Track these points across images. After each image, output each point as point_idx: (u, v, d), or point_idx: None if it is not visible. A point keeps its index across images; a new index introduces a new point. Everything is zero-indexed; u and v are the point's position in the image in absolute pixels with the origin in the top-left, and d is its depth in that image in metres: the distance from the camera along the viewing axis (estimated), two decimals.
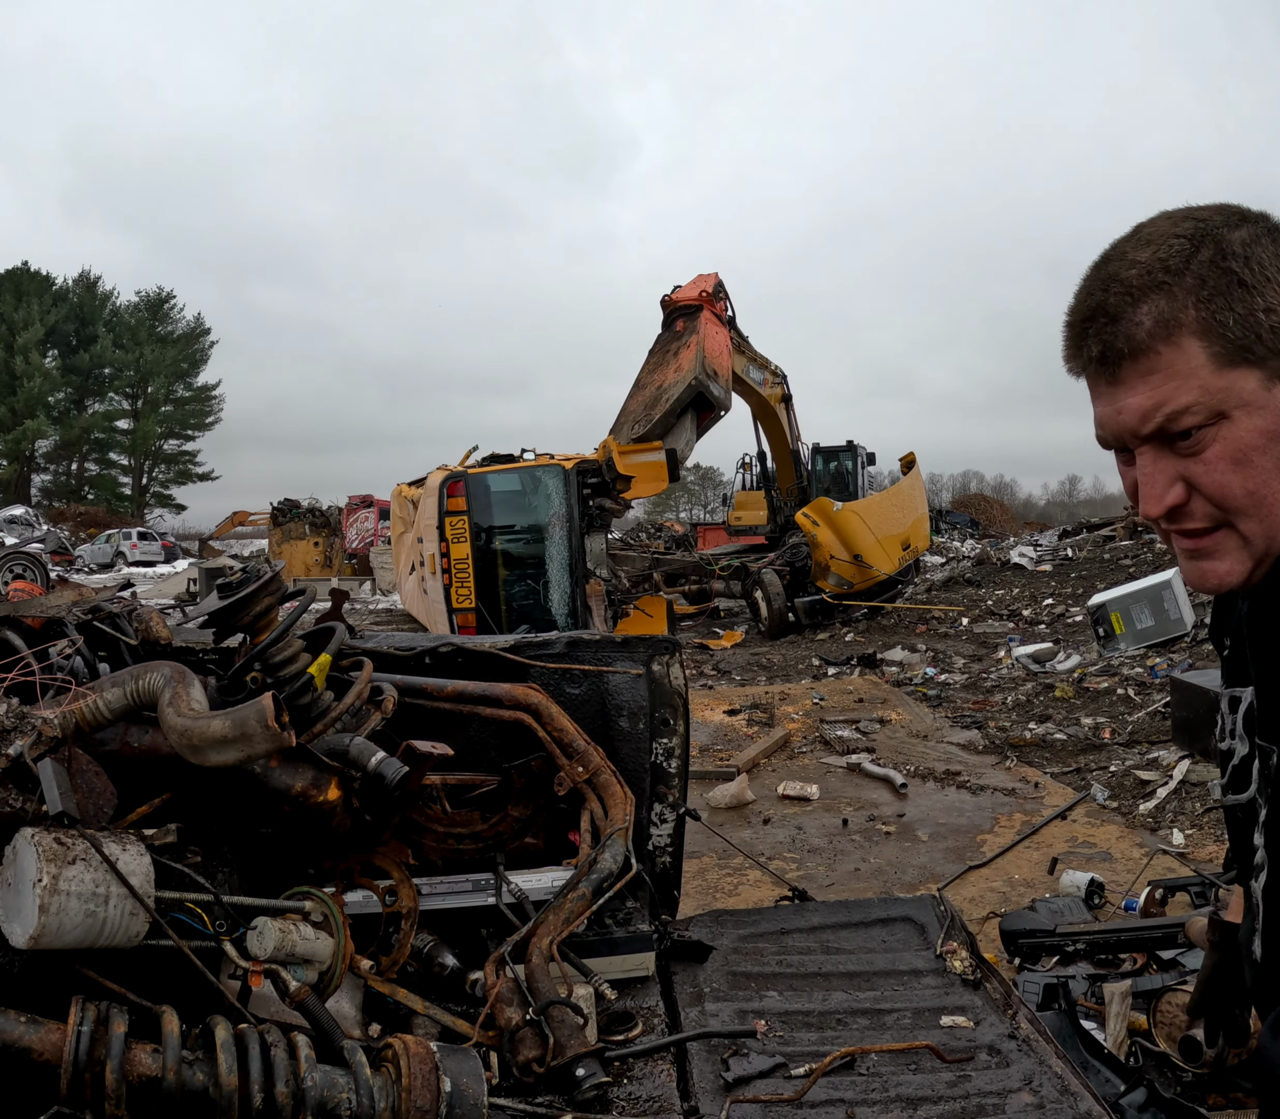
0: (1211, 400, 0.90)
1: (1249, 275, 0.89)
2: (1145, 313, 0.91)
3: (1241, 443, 0.90)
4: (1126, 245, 0.95)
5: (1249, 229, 0.92)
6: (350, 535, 29.23)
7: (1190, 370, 0.90)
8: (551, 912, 1.85)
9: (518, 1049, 1.61)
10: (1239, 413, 0.90)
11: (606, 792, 2.02)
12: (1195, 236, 0.91)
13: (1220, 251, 0.90)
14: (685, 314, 13.23)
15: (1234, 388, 0.90)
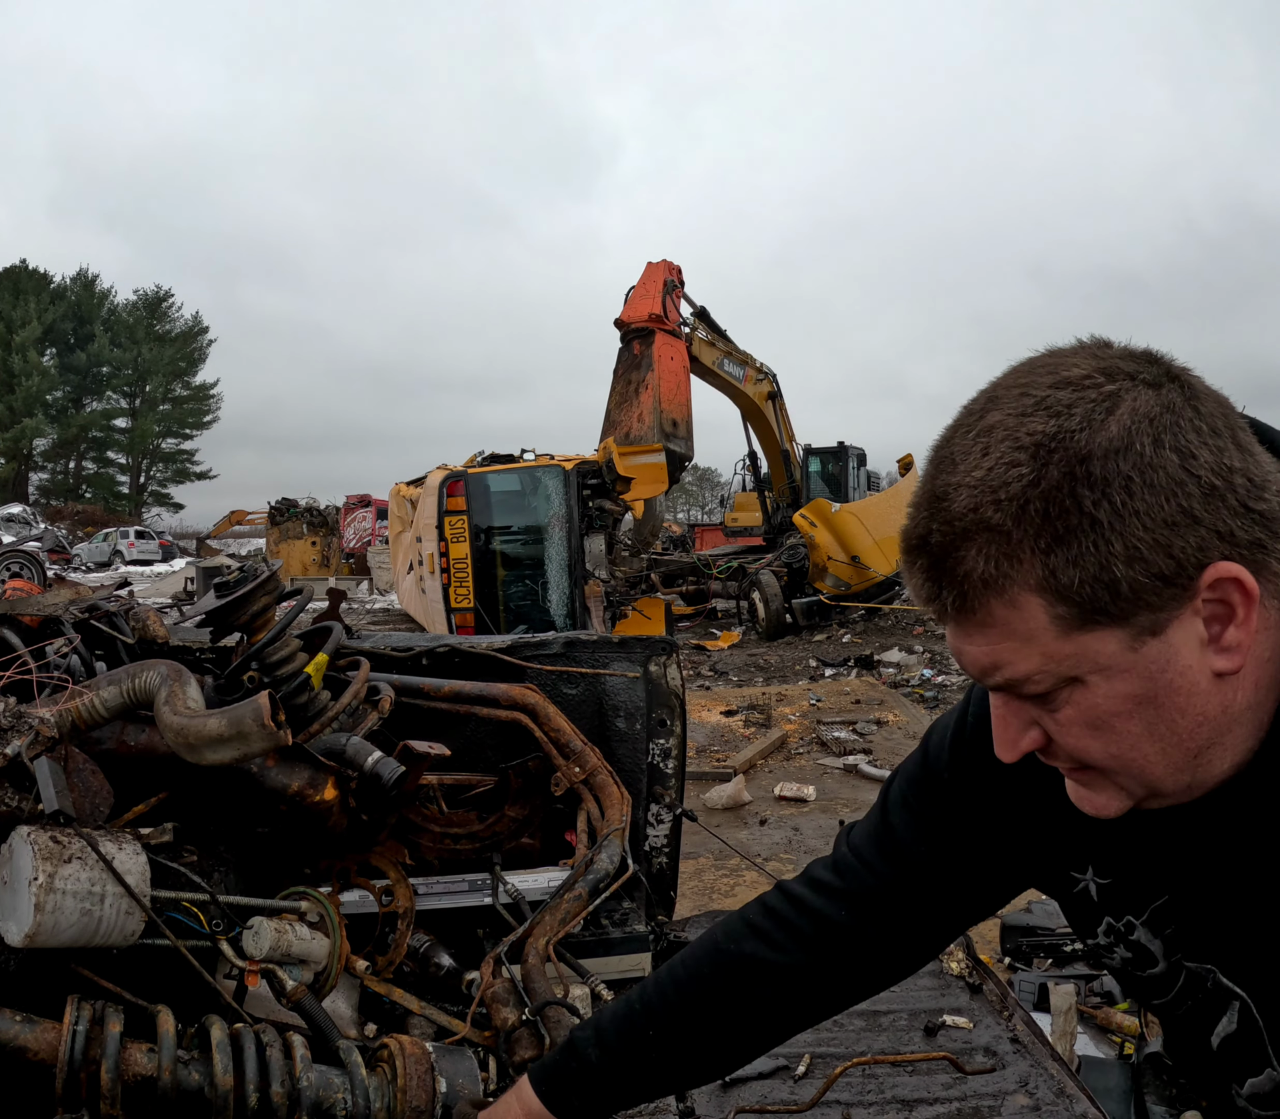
0: (1058, 668, 0.74)
1: (1105, 510, 0.69)
2: (972, 561, 0.73)
3: (1098, 709, 0.75)
4: (963, 444, 0.76)
5: (1132, 417, 0.71)
6: (348, 535, 29.23)
7: (1030, 633, 0.73)
8: (548, 912, 1.85)
9: (514, 1049, 1.61)
10: (1095, 678, 0.74)
11: (603, 792, 2.02)
12: (1041, 449, 0.71)
13: (1071, 475, 0.70)
14: (639, 336, 13.18)
15: (1086, 653, 0.73)
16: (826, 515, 14.10)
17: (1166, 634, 0.73)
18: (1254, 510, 0.72)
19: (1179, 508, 0.70)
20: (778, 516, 16.73)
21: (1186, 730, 0.76)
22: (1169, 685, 0.74)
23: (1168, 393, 0.73)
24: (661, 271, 13.62)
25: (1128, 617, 0.72)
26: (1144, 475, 0.70)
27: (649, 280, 13.59)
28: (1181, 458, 0.70)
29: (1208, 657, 0.74)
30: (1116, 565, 0.70)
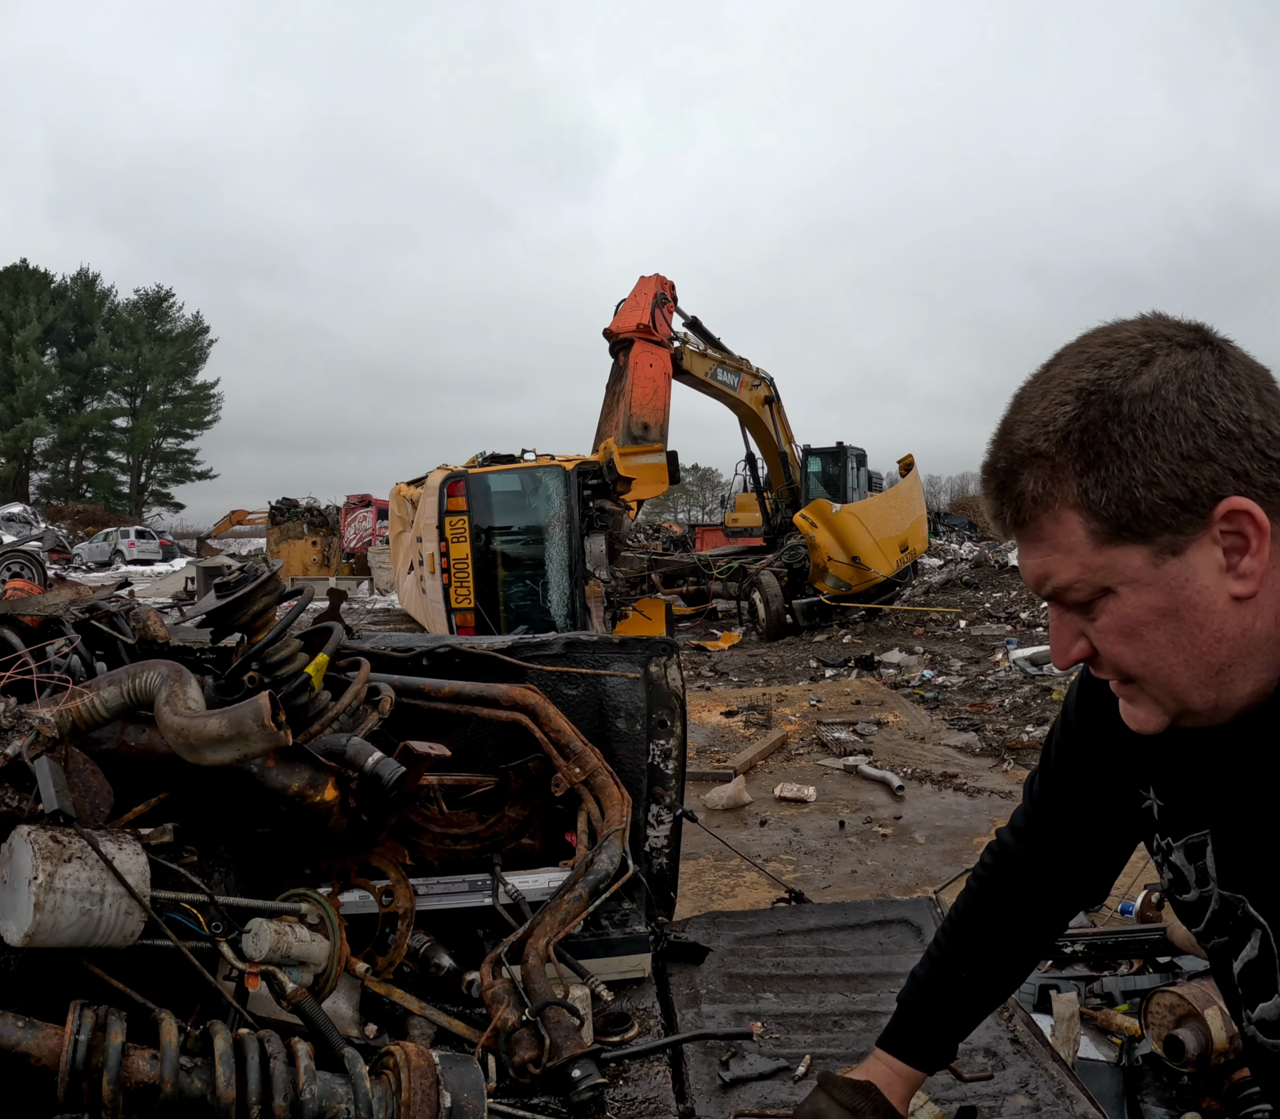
0: (1093, 577, 0.86)
1: (1129, 441, 0.82)
2: (1026, 482, 0.87)
3: (1129, 619, 0.87)
4: (1031, 390, 0.90)
5: (1163, 369, 0.84)
6: (348, 535, 29.23)
7: (1071, 545, 0.86)
8: (548, 913, 1.85)
9: (514, 1050, 1.61)
10: (1125, 589, 0.86)
11: (603, 793, 2.02)
12: (1085, 392, 0.85)
13: (1105, 413, 0.83)
14: (624, 347, 13.24)
15: (1116, 565, 0.85)
16: (827, 516, 14.10)
17: (1186, 555, 0.84)
18: (1271, 457, 0.83)
19: (1195, 446, 0.82)
20: (777, 517, 16.73)
21: (1206, 645, 0.86)
22: (1188, 601, 0.85)
23: (1199, 353, 0.85)
24: (653, 285, 13.66)
25: (1150, 535, 0.84)
26: (1166, 416, 0.82)
27: (640, 293, 13.63)
28: (1201, 404, 0.82)
29: (1225, 581, 0.84)
30: (1137, 488, 0.83)
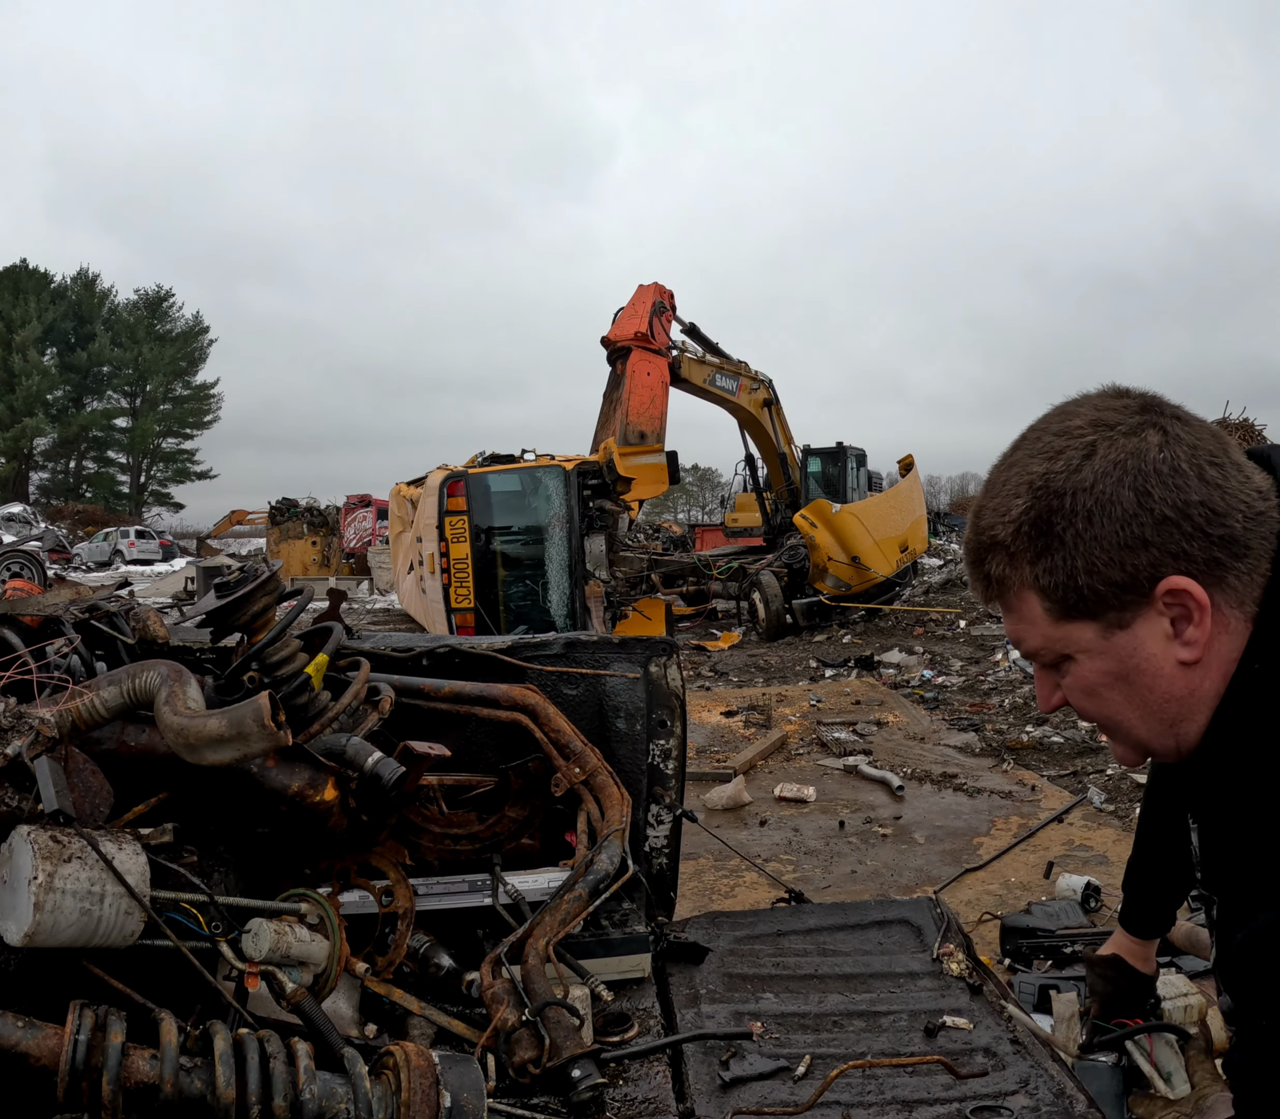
0: (1054, 646, 0.98)
1: (1071, 534, 0.91)
2: (990, 565, 0.98)
3: (1087, 681, 0.98)
4: (995, 476, 0.99)
5: (1103, 463, 0.91)
6: (348, 535, 29.22)
7: (1033, 619, 0.97)
8: (548, 913, 1.85)
9: (514, 1050, 1.61)
10: (1081, 657, 0.97)
11: (603, 793, 2.02)
12: (1034, 486, 0.93)
13: (1050, 507, 0.92)
14: (621, 355, 13.26)
15: (1071, 638, 0.96)
16: (827, 516, 14.10)
17: (1133, 628, 0.94)
18: (1211, 535, 0.90)
19: (1132, 534, 0.90)
20: (777, 517, 16.72)
21: (1157, 704, 0.96)
22: (1137, 668, 0.95)
23: (1140, 441, 0.91)
24: (651, 294, 13.68)
25: (1097, 613, 0.94)
26: (1104, 508, 0.90)
27: (638, 301, 13.65)
28: (1138, 494, 0.90)
29: (1173, 648, 0.94)
30: (1079, 575, 0.92)
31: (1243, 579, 0.92)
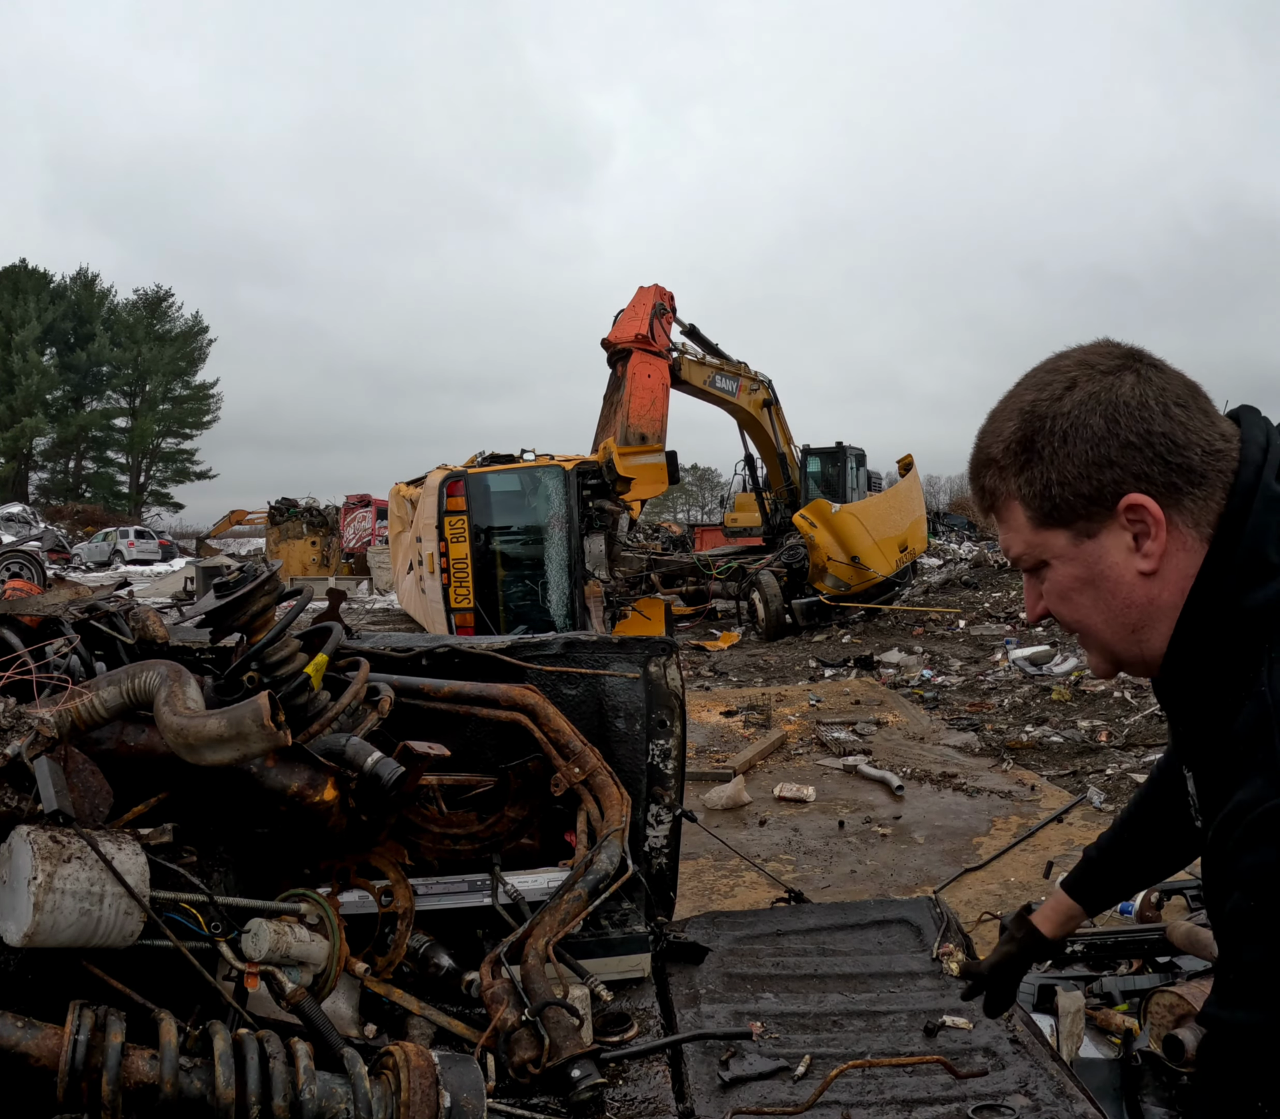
0: (1034, 552, 1.11)
1: (1048, 451, 1.06)
2: (985, 479, 1.13)
3: (1060, 585, 1.11)
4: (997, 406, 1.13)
5: (1080, 393, 1.05)
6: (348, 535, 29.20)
7: (1018, 527, 1.11)
8: (547, 913, 1.85)
9: (513, 1050, 1.61)
10: (1056, 562, 1.10)
11: (603, 793, 2.02)
12: (1024, 411, 1.08)
13: (1034, 428, 1.06)
14: (622, 357, 13.26)
15: (1047, 544, 1.09)
16: (826, 516, 14.10)
17: (1099, 538, 1.07)
18: (1170, 462, 1.03)
19: (1100, 454, 1.04)
20: (777, 517, 16.72)
21: (1119, 608, 1.09)
22: (1102, 573, 1.08)
23: (1116, 379, 1.05)
24: (652, 296, 13.68)
25: (1068, 522, 1.07)
26: (1077, 431, 1.04)
27: (639, 304, 13.65)
28: (1107, 422, 1.03)
29: (1133, 559, 1.06)
30: (1053, 486, 1.06)
31: (1199, 504, 1.04)
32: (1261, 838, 0.93)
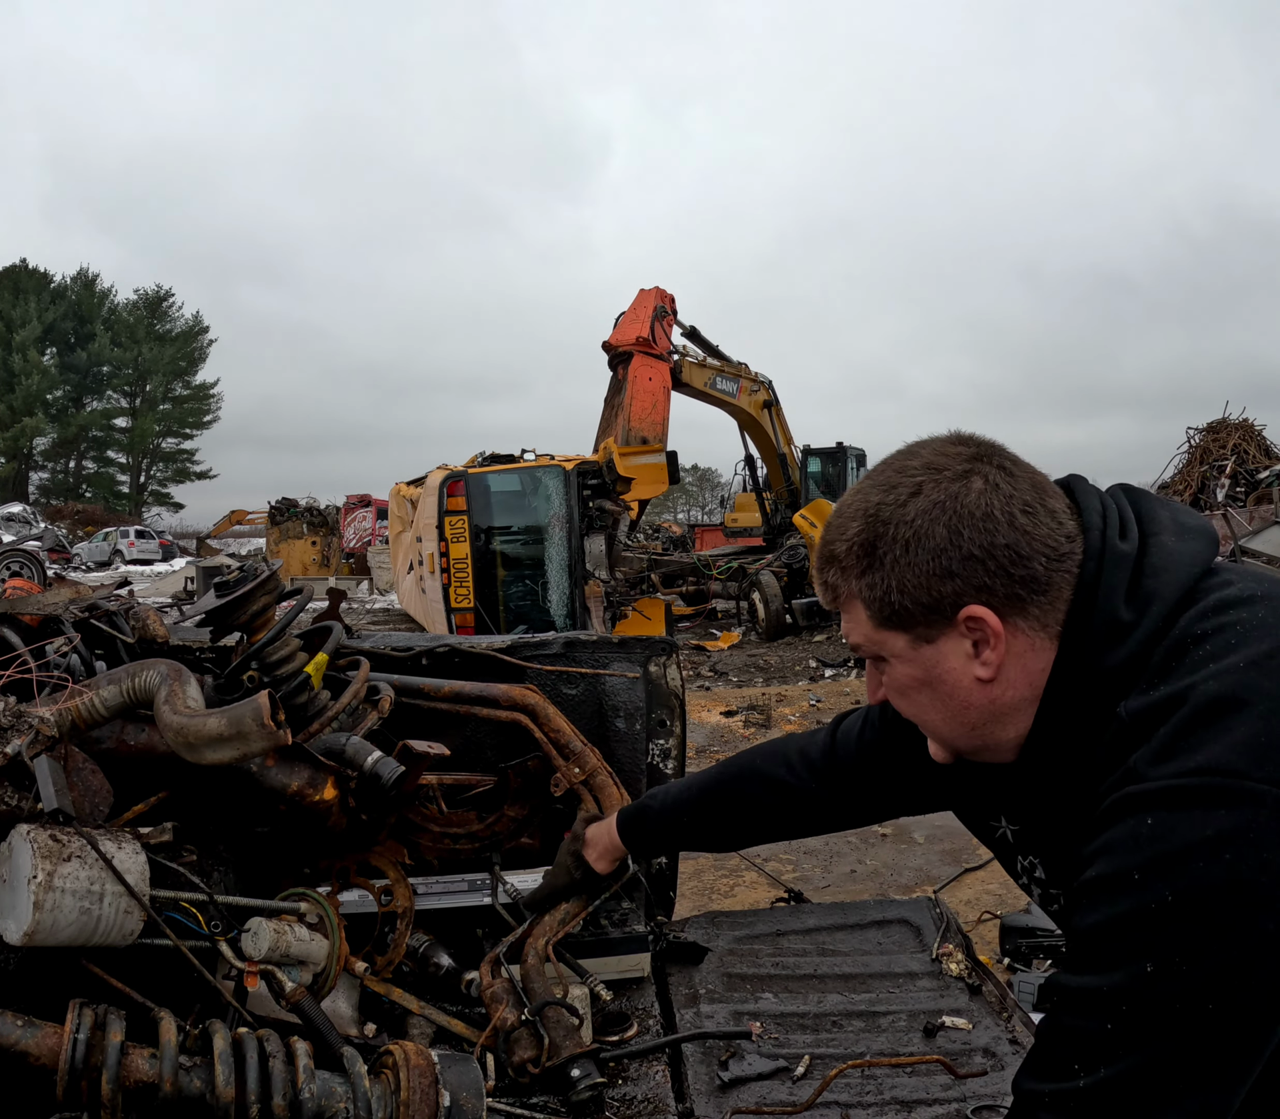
0: (873, 647, 1.12)
1: (889, 558, 1.06)
2: (828, 574, 1.14)
3: (898, 682, 1.13)
4: (845, 499, 1.14)
5: (925, 502, 1.04)
6: (348, 535, 29.20)
7: (860, 621, 1.12)
8: (548, 913, 1.85)
9: (513, 1050, 1.61)
10: (894, 661, 1.11)
11: (603, 793, 2.02)
12: (868, 514, 1.08)
13: (877, 533, 1.06)
14: (623, 360, 13.26)
15: (886, 643, 1.10)
16: (826, 516, 14.08)
17: (938, 643, 1.07)
18: (1014, 574, 1.03)
19: (940, 565, 1.03)
20: (777, 517, 16.72)
21: (957, 710, 1.10)
22: (939, 677, 1.09)
23: (962, 486, 1.04)
24: (653, 298, 13.69)
25: (907, 627, 1.07)
26: (919, 541, 1.04)
27: (640, 306, 13.66)
28: (950, 533, 1.03)
29: (972, 665, 1.07)
30: (893, 593, 1.06)
31: (1044, 608, 1.05)
32: (1111, 821, 0.96)
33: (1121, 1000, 0.91)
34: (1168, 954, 0.89)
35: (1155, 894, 0.90)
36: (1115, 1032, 0.91)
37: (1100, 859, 0.96)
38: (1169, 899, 0.89)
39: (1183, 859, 0.89)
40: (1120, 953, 0.92)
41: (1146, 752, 0.96)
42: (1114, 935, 0.93)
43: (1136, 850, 0.92)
